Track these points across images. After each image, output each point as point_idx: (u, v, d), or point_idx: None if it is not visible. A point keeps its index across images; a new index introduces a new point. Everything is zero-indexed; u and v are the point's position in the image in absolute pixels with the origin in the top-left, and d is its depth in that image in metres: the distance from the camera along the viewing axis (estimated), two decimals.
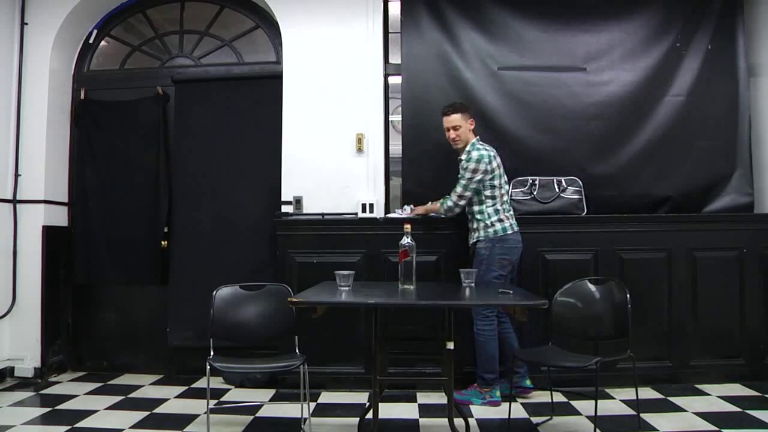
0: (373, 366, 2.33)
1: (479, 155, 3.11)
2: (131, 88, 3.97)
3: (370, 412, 2.31)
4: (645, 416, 2.77)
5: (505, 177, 3.26)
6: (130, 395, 3.37)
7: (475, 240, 3.16)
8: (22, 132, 3.79)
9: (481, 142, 3.24)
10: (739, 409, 2.94)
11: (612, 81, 3.68)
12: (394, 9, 3.88)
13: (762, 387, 3.27)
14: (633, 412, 2.79)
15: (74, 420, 2.88)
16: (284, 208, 3.67)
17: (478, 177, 3.10)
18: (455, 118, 3.20)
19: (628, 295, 2.57)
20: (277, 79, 3.81)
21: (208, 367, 2.47)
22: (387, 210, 3.73)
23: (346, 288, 2.46)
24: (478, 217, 3.15)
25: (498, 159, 3.20)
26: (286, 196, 3.69)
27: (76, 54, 4.09)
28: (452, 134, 3.21)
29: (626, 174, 3.61)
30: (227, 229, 3.78)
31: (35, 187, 3.77)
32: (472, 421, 2.81)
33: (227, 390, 3.48)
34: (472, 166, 3.10)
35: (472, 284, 2.59)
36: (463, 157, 3.18)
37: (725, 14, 3.69)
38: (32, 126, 3.79)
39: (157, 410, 3.08)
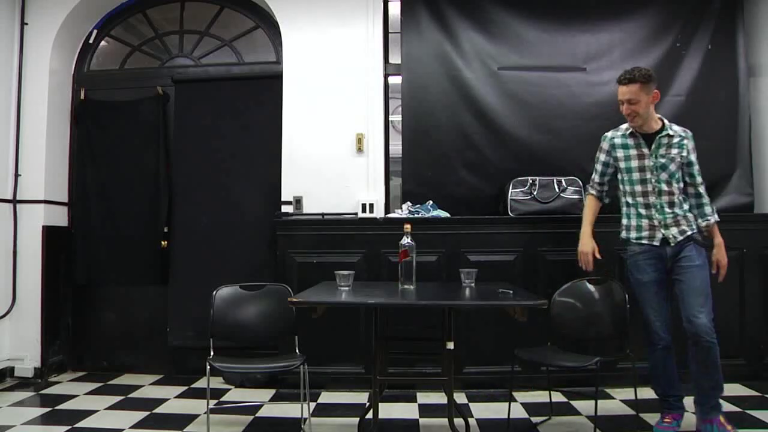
0: (373, 366, 2.33)
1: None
2: (131, 88, 3.97)
3: (370, 412, 2.31)
4: (645, 416, 2.77)
5: None
6: (130, 395, 3.37)
7: (687, 234, 2.57)
8: (22, 132, 3.79)
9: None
10: (739, 409, 2.94)
11: (612, 81, 3.64)
12: (394, 9, 3.88)
13: (762, 387, 3.27)
14: (633, 412, 2.79)
15: (74, 420, 2.88)
16: (284, 208, 3.67)
17: None
18: (632, 90, 2.55)
19: (627, 296, 2.57)
20: (277, 79, 3.81)
21: (208, 367, 2.47)
22: (387, 210, 3.73)
23: (346, 288, 2.46)
24: (686, 207, 2.63)
25: None
26: (286, 196, 3.69)
27: (76, 54, 4.09)
28: (627, 109, 2.59)
29: None
30: (227, 229, 3.78)
31: (35, 187, 3.76)
32: (472, 421, 2.81)
33: (227, 390, 3.48)
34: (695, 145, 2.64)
35: (472, 284, 2.58)
36: (675, 136, 2.59)
37: (725, 14, 3.69)
38: (32, 126, 3.79)
39: (157, 410, 3.08)
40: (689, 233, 2.56)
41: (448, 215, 3.51)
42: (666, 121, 2.64)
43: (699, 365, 2.45)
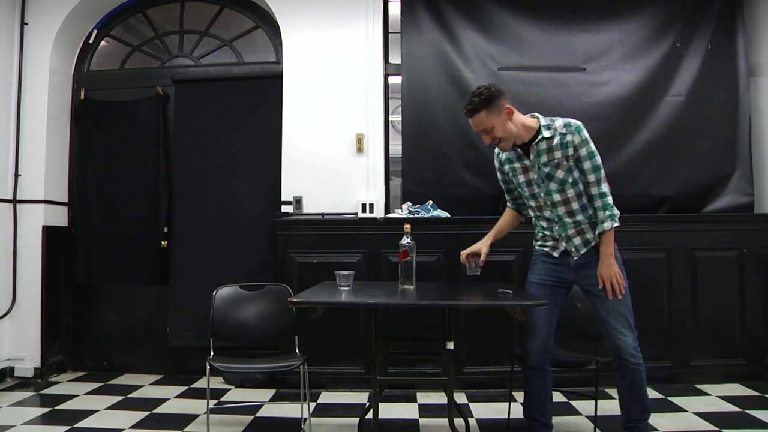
0: (373, 366, 2.33)
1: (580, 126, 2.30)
2: (131, 88, 3.97)
3: (370, 412, 2.31)
4: None
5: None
6: (130, 395, 3.37)
7: (592, 245, 2.31)
8: (22, 132, 3.79)
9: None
10: (739, 409, 2.94)
11: (612, 81, 3.68)
12: (394, 9, 3.88)
13: (762, 387, 3.28)
14: None
15: (74, 420, 2.88)
16: (284, 208, 3.67)
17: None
18: (479, 120, 2.28)
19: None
20: (277, 79, 3.81)
21: (208, 367, 2.47)
22: (387, 210, 3.73)
23: (346, 288, 2.46)
24: (591, 212, 2.32)
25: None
26: (286, 196, 3.69)
27: (76, 54, 4.09)
28: (487, 138, 2.33)
29: (626, 174, 3.61)
30: (227, 229, 3.78)
31: (35, 187, 3.76)
32: (472, 421, 2.81)
33: (227, 390, 3.48)
34: (590, 141, 2.31)
35: (478, 272, 2.49)
36: (554, 136, 2.27)
37: (725, 14, 3.69)
38: (32, 126, 3.79)
39: (157, 410, 3.08)
40: (594, 243, 2.29)
41: (448, 215, 3.51)
42: (542, 120, 2.30)
43: (625, 389, 2.27)
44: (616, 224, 2.24)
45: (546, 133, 2.28)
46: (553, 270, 2.38)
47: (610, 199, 2.27)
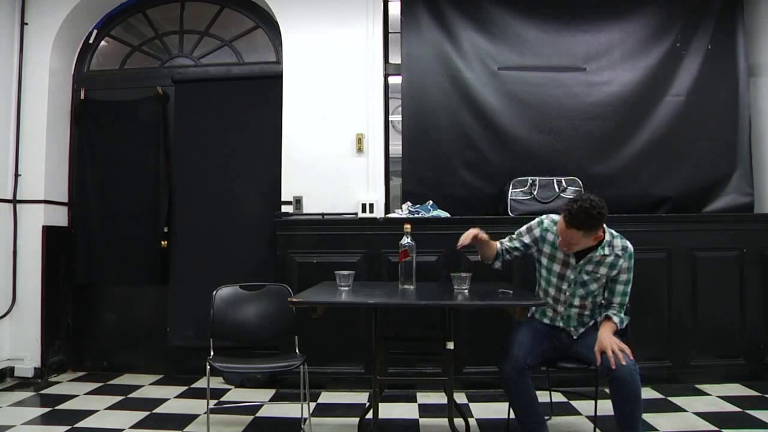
0: (373, 366, 2.33)
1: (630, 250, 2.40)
2: (131, 88, 3.97)
3: (370, 412, 2.31)
4: (645, 416, 2.74)
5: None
6: (130, 395, 3.37)
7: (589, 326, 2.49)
8: (22, 132, 3.79)
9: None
10: (739, 409, 2.94)
11: (612, 81, 3.68)
12: (394, 9, 3.88)
13: (762, 387, 3.27)
14: None
15: (74, 420, 2.88)
16: (284, 208, 3.67)
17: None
18: (572, 236, 2.24)
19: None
20: (277, 79, 3.81)
21: (208, 367, 2.47)
22: (387, 210, 3.73)
23: (346, 288, 2.46)
24: (596, 314, 2.50)
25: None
26: (286, 196, 3.69)
27: (76, 54, 4.09)
28: (564, 245, 2.33)
29: (626, 174, 3.62)
30: (227, 229, 3.78)
31: (35, 187, 3.76)
32: (472, 421, 2.81)
33: (227, 390, 3.48)
34: (632, 269, 2.42)
35: (466, 291, 2.44)
36: (610, 255, 2.35)
37: (725, 14, 3.70)
38: (32, 126, 3.79)
39: (157, 410, 3.08)
40: (591, 323, 2.47)
41: (448, 215, 3.51)
42: (608, 234, 2.35)
43: (619, 400, 2.21)
44: (621, 327, 2.39)
45: (606, 251, 2.35)
46: (548, 328, 2.50)
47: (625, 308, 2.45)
